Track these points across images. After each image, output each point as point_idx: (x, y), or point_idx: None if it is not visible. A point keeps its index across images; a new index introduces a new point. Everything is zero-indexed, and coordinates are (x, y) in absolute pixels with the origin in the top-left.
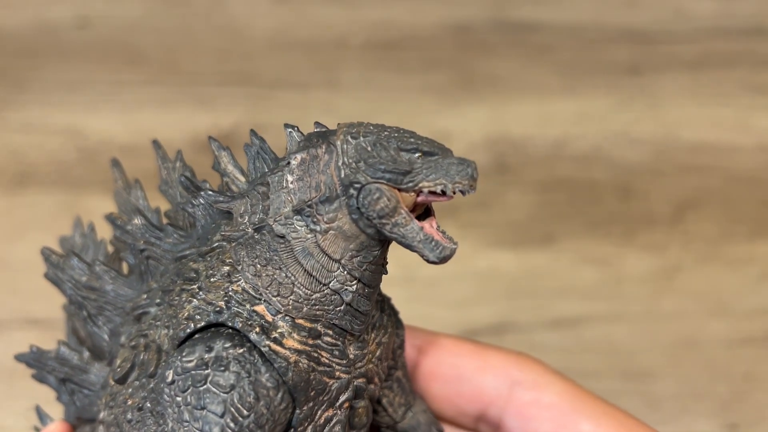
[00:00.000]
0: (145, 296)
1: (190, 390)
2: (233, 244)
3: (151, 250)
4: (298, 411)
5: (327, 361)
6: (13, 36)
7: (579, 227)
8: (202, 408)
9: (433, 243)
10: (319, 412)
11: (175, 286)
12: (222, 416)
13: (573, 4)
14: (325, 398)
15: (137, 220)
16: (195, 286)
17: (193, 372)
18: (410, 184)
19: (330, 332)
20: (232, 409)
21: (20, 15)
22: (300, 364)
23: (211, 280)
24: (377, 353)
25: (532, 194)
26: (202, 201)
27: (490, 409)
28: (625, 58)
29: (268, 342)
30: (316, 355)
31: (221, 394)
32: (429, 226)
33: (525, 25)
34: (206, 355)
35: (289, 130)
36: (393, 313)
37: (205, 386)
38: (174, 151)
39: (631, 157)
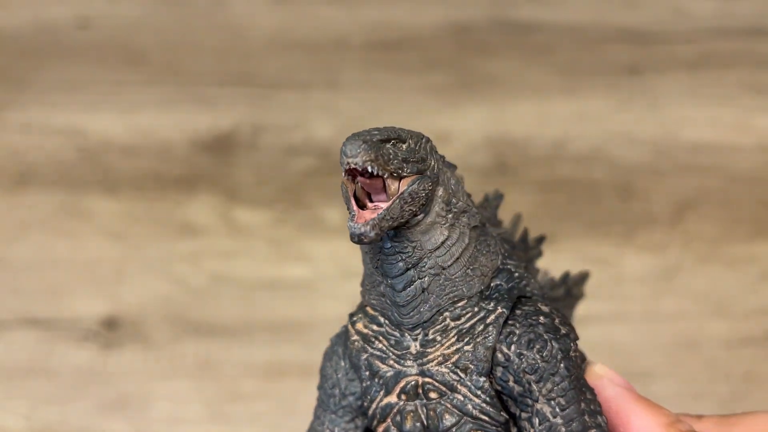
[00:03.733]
0: None
1: None
2: None
3: None
4: (360, 384)
5: (382, 346)
6: (13, 36)
7: (579, 227)
8: None
9: (348, 224)
10: (380, 395)
11: None
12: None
13: (573, 4)
14: (380, 381)
15: None
16: None
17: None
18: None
19: (387, 322)
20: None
21: (20, 15)
22: (356, 343)
23: None
24: (454, 359)
25: (532, 194)
26: None
27: None
28: (625, 58)
29: (349, 323)
30: (372, 339)
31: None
32: (369, 207)
33: (525, 25)
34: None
35: None
36: (513, 329)
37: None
38: (174, 151)
39: (631, 157)
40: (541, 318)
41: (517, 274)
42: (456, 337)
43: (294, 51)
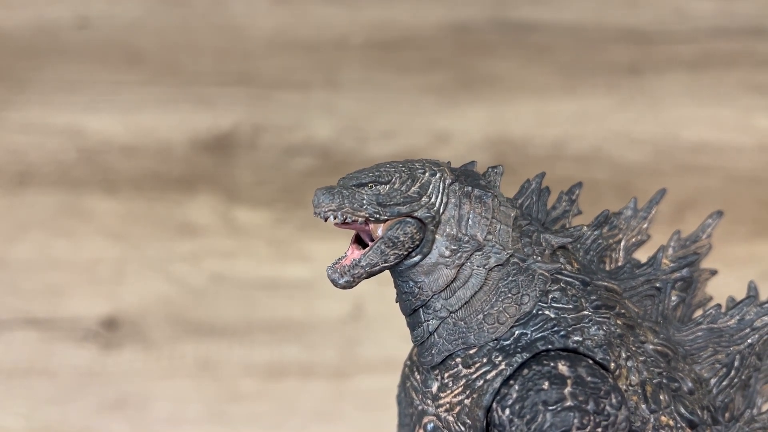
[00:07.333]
0: None
1: None
2: None
3: None
4: (401, 408)
5: (414, 381)
6: (13, 36)
7: None
8: None
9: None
10: (414, 427)
11: None
12: None
13: (573, 4)
14: (413, 413)
15: None
16: None
17: None
18: None
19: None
20: None
21: (20, 15)
22: (406, 369)
23: None
24: (456, 410)
25: None
26: None
27: None
28: (625, 58)
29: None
30: (415, 369)
31: None
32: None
33: (525, 25)
34: None
35: None
36: (511, 390)
37: None
38: (174, 151)
39: (631, 157)
40: (546, 384)
41: (554, 322)
42: (463, 386)
43: (294, 51)
